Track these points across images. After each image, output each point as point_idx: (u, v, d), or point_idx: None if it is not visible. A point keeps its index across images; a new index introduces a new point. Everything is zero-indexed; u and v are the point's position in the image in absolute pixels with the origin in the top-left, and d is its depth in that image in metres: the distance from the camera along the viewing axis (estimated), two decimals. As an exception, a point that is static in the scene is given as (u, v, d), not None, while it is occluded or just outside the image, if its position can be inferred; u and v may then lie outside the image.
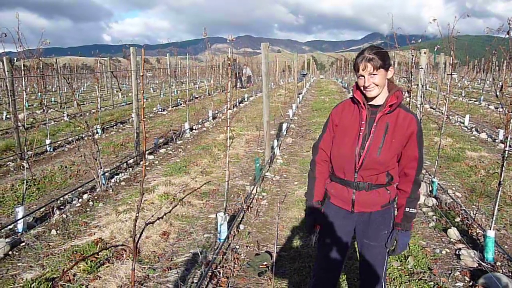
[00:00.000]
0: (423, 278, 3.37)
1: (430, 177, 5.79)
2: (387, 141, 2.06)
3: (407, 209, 2.14)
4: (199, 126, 11.40)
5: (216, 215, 4.17)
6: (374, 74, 2.02)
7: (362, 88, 2.08)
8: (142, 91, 1.87)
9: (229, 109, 5.05)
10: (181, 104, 16.58)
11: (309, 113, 13.88)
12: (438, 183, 5.48)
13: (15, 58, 7.38)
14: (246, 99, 18.10)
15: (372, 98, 2.10)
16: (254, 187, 5.54)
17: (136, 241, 1.85)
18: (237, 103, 16.50)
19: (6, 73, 7.39)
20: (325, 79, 46.87)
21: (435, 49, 8.26)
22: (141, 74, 1.87)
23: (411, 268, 3.51)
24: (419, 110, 5.80)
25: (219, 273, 3.46)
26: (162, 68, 25.26)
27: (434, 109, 14.11)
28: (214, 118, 12.74)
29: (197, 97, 18.99)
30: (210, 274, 3.38)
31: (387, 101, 2.08)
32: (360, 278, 2.36)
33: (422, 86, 5.75)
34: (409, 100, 7.01)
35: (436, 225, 4.43)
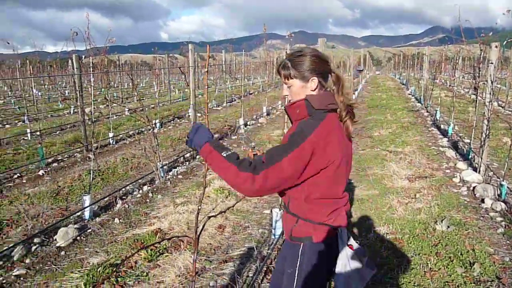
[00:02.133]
0: (490, 287, 3.16)
1: (498, 180, 5.42)
2: None
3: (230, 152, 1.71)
4: (254, 122, 11.48)
5: (271, 211, 4.18)
6: (285, 83, 1.79)
7: None
8: (206, 87, 1.90)
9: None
10: (235, 100, 16.80)
11: (365, 111, 13.50)
12: (507, 187, 5.12)
13: (83, 56, 7.81)
14: (300, 96, 17.98)
15: None
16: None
17: (198, 233, 1.90)
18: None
19: (75, 70, 7.87)
20: (381, 75, 45.43)
21: (505, 42, 7.72)
22: (206, 69, 1.90)
23: (477, 275, 3.31)
24: (487, 108, 5.44)
25: (274, 268, 3.46)
26: (217, 65, 25.75)
27: (503, 107, 13.19)
28: (268, 114, 12.77)
29: (251, 93, 19.15)
30: (265, 269, 3.40)
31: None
32: None
33: (492, 82, 5.38)
34: (476, 98, 6.60)
35: (506, 232, 4.13)
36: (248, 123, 11.15)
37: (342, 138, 1.72)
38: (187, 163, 7.12)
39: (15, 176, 6.51)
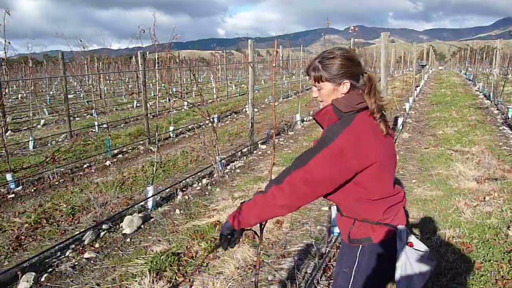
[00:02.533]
0: None
1: None
2: None
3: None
4: (310, 118, 11.38)
5: (330, 208, 4.12)
6: (315, 86, 1.72)
7: None
8: (273, 81, 1.90)
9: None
10: (291, 96, 16.74)
11: (428, 107, 12.89)
12: None
13: (147, 52, 8.16)
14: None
15: None
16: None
17: (262, 226, 1.91)
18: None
19: (140, 65, 8.22)
20: (445, 71, 43.15)
21: None
22: (274, 64, 1.90)
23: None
24: None
25: (333, 266, 3.42)
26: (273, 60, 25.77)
27: None
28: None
29: (308, 89, 18.97)
30: (323, 266, 3.36)
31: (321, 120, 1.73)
32: None
33: None
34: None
35: None
36: (305, 119, 11.07)
37: (379, 135, 1.63)
38: (245, 157, 7.21)
39: (85, 166, 6.95)
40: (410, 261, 1.64)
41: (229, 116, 12.25)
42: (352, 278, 1.70)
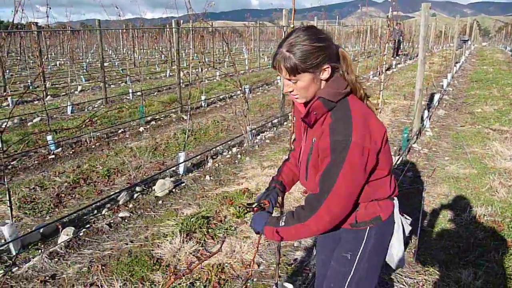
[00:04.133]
0: None
1: None
2: (312, 160, 1.55)
3: (286, 213, 1.60)
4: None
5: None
6: (289, 79, 1.47)
7: None
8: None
9: (381, 74, 4.81)
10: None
11: (467, 84, 12.39)
12: None
13: (181, 21, 8.17)
14: (393, 66, 17.01)
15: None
16: (399, 158, 5.27)
17: (282, 197, 1.96)
18: (383, 70, 15.61)
19: (174, 33, 8.26)
20: (489, 47, 41.04)
21: None
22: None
23: None
24: None
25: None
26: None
27: None
28: (358, 76, 12.33)
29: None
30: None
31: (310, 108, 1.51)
32: None
33: None
34: None
35: None
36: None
37: (373, 113, 1.53)
38: (275, 128, 7.23)
39: (120, 131, 7.16)
40: (404, 230, 1.67)
41: (260, 88, 12.21)
42: (355, 263, 1.61)
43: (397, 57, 18.63)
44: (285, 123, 7.60)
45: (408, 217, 1.73)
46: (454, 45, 13.57)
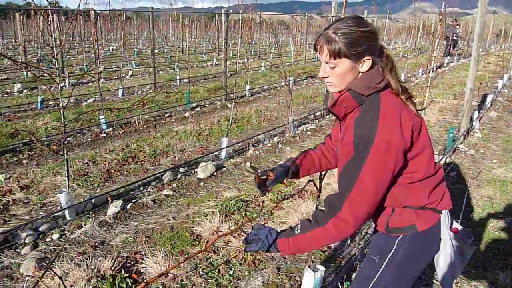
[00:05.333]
0: None
1: None
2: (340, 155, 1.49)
3: (299, 224, 1.49)
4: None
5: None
6: (327, 63, 1.42)
7: None
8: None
9: (429, 72, 4.72)
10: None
11: (524, 87, 11.77)
12: None
13: (230, 10, 8.32)
14: (445, 65, 16.40)
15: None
16: (443, 157, 5.16)
17: (322, 178, 2.04)
18: (435, 68, 15.10)
19: (223, 23, 8.43)
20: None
21: None
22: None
23: None
24: None
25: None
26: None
27: None
28: (405, 81, 12.02)
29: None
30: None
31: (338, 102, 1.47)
32: None
33: None
34: None
35: None
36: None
37: (411, 111, 1.41)
38: (317, 121, 7.25)
39: (166, 115, 7.45)
40: (454, 249, 1.50)
41: (305, 80, 12.20)
42: (381, 269, 1.51)
43: (448, 56, 17.83)
44: (327, 116, 7.59)
45: (467, 235, 1.55)
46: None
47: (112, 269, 2.82)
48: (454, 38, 19.34)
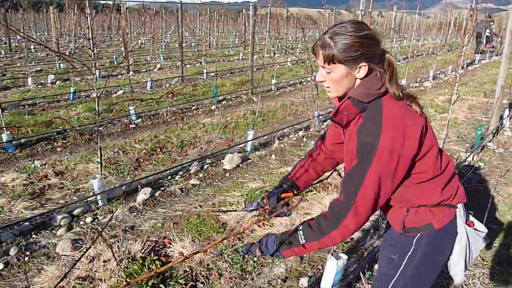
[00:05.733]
0: None
1: None
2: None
3: (300, 226, 1.48)
4: (417, 85, 10.80)
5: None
6: (323, 68, 1.42)
7: None
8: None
9: (458, 68, 4.66)
10: (399, 60, 15.87)
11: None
12: None
13: (258, 5, 8.38)
14: (476, 62, 15.97)
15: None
16: (470, 155, 5.10)
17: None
18: (465, 65, 14.74)
19: (251, 17, 8.50)
20: None
21: None
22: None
23: None
24: None
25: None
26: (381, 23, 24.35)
27: None
28: (434, 78, 11.81)
29: (418, 55, 17.80)
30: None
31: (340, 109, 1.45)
32: None
33: None
34: None
35: None
36: (411, 85, 10.55)
37: (414, 113, 1.40)
38: (342, 116, 7.25)
39: (193, 108, 7.60)
40: (469, 242, 1.51)
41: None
42: (401, 268, 1.52)
43: (479, 53, 17.31)
44: (353, 111, 7.56)
45: (481, 229, 1.56)
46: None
47: (142, 251, 2.95)
48: (488, 34, 18.75)
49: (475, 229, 1.53)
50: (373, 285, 1.70)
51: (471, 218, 1.56)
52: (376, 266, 2.85)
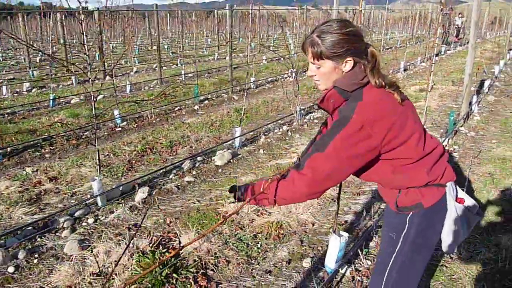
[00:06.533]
0: None
1: None
2: None
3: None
4: (389, 76, 11.19)
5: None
6: (313, 63, 1.58)
7: None
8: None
9: (429, 59, 4.97)
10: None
11: (521, 72, 12.03)
12: None
13: (234, 5, 8.53)
14: (442, 53, 16.64)
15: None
16: (445, 139, 5.43)
17: None
18: (433, 56, 15.33)
19: (228, 18, 8.64)
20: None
21: None
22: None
23: None
24: None
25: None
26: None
27: None
28: (405, 70, 12.28)
29: (388, 48, 18.35)
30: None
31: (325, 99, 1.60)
32: None
33: None
34: None
35: None
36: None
37: (394, 101, 1.52)
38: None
39: (176, 109, 7.69)
40: (459, 218, 1.61)
41: (306, 72, 12.43)
42: (399, 245, 1.65)
43: (444, 44, 18.08)
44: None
45: (471, 205, 1.66)
46: (509, 31, 13.13)
47: (150, 246, 3.08)
48: (457, 26, 19.65)
49: (465, 206, 1.63)
50: (376, 262, 1.83)
51: (462, 195, 1.66)
52: (371, 244, 3.09)
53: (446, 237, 1.63)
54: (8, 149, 5.40)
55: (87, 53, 3.55)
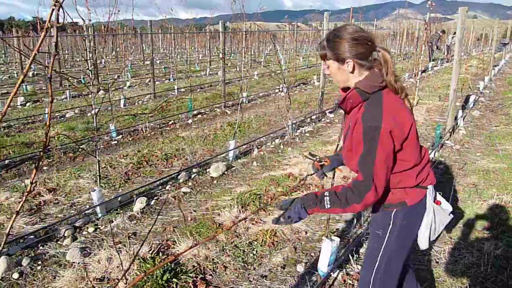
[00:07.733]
0: None
1: None
2: (348, 145, 1.79)
3: (326, 193, 1.72)
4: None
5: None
6: (324, 63, 1.81)
7: None
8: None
9: (416, 75, 5.22)
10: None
11: (505, 87, 12.44)
12: None
13: (228, 22, 8.78)
14: (429, 69, 17.10)
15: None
16: (432, 151, 5.66)
17: (334, 174, 2.43)
18: (420, 72, 15.75)
19: (221, 34, 8.89)
20: (530, 51, 39.71)
21: None
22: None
23: None
24: None
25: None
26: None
27: None
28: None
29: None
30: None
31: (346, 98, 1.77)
32: None
33: None
34: None
35: None
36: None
37: (406, 108, 1.75)
38: (314, 124, 7.72)
39: (170, 123, 7.85)
40: (435, 217, 1.84)
41: (297, 87, 12.70)
42: (385, 240, 1.84)
43: (431, 61, 18.61)
44: (323, 119, 8.08)
45: (446, 207, 1.91)
46: (493, 48, 13.61)
47: (150, 253, 3.21)
48: (448, 44, 20.34)
49: (441, 208, 1.88)
50: (365, 259, 1.99)
51: (439, 198, 1.91)
52: (361, 250, 3.25)
53: (423, 233, 1.85)
54: (6, 161, 5.49)
55: (90, 68, 3.70)
